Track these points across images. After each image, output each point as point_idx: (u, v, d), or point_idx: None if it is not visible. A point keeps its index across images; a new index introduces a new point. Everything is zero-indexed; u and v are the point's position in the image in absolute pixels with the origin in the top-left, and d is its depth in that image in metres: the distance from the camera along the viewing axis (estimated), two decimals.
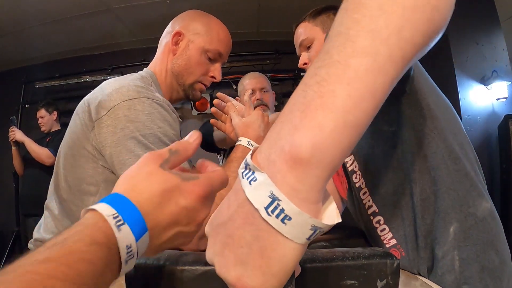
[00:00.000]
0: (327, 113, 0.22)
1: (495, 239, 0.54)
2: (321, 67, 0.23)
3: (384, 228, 0.61)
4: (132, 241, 0.28)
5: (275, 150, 0.23)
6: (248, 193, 0.23)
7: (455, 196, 0.53)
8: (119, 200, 0.29)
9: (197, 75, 0.81)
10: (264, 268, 0.23)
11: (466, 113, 2.29)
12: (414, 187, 0.55)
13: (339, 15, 0.25)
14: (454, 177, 0.54)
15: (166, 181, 0.31)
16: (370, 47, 0.22)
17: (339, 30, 0.24)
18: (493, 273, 0.52)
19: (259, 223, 0.23)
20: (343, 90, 0.22)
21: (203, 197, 0.33)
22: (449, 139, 0.55)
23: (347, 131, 0.22)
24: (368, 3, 0.23)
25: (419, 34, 0.23)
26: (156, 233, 0.31)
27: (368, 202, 0.63)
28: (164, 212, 0.31)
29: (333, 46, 0.23)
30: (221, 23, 0.85)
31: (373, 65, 0.22)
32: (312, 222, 0.22)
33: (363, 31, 0.22)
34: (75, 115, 0.70)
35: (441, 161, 0.54)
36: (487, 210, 0.54)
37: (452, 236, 0.53)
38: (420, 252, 0.56)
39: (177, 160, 0.34)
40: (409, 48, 0.23)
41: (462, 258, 0.52)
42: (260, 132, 0.77)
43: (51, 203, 0.70)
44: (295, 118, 0.23)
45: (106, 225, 0.27)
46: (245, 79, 1.48)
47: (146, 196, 0.30)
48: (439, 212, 0.54)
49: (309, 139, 0.22)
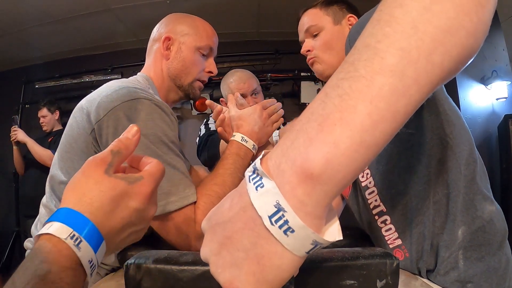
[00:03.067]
0: (344, 129, 0.21)
1: (502, 240, 0.55)
2: (345, 80, 0.22)
3: (390, 228, 0.61)
4: (92, 255, 0.30)
5: (286, 159, 0.23)
6: (253, 199, 0.23)
7: (465, 199, 0.55)
8: (72, 216, 0.30)
9: (195, 74, 0.83)
10: (258, 275, 0.23)
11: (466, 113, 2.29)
12: (427, 189, 0.56)
13: (370, 25, 0.24)
14: (464, 181, 0.55)
15: (114, 187, 0.32)
16: (397, 67, 0.21)
17: (368, 42, 0.23)
18: (496, 273, 0.53)
19: (260, 230, 0.23)
20: (364, 108, 0.21)
21: (149, 195, 0.34)
22: (462, 144, 0.56)
23: (362, 151, 0.21)
24: (401, 18, 0.22)
25: (449, 59, 0.22)
26: (111, 238, 0.32)
27: (375, 202, 0.63)
28: (116, 217, 0.32)
29: (359, 59, 0.22)
30: (203, 20, 0.86)
31: (398, 86, 0.21)
32: (314, 237, 0.22)
33: (393, 48, 0.21)
34: (72, 119, 0.70)
35: (455, 165, 0.55)
36: (492, 212, 0.55)
37: (461, 239, 0.54)
38: (424, 254, 0.57)
39: (120, 160, 0.35)
40: (437, 72, 0.22)
41: (467, 257, 0.53)
42: (255, 127, 0.76)
43: (49, 202, 0.70)
44: (311, 129, 0.22)
45: (66, 246, 0.28)
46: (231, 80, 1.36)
47: (97, 205, 0.31)
48: (449, 215, 0.55)
49: (322, 154, 0.21)
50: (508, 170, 2.19)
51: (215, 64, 0.87)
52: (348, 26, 0.87)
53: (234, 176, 0.67)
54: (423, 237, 0.57)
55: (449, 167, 0.55)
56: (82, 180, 0.32)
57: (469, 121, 2.29)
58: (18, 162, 2.54)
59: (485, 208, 0.55)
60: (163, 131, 0.63)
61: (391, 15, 0.22)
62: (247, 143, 0.73)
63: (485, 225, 0.54)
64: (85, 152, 0.65)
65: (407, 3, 0.22)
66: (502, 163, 2.27)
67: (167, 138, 0.63)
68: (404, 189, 0.59)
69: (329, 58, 0.86)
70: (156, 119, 0.63)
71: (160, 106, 0.65)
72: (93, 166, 0.33)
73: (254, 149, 0.74)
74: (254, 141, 0.75)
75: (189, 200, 0.60)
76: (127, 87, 0.66)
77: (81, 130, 0.65)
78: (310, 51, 0.89)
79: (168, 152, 0.62)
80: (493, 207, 0.56)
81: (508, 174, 2.19)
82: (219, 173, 0.68)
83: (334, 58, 0.86)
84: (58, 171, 0.69)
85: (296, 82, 2.95)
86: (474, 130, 2.30)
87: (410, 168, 0.58)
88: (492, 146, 2.33)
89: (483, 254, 0.53)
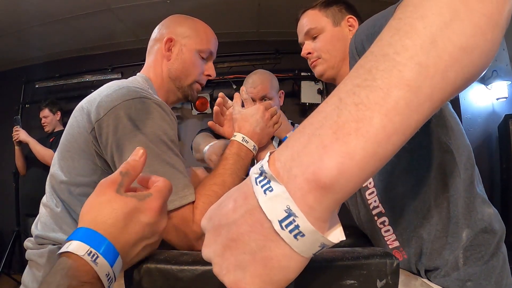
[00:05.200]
0: (359, 141, 0.21)
1: (499, 240, 0.56)
2: (361, 88, 0.22)
3: (389, 229, 0.62)
4: (109, 269, 0.32)
5: (298, 164, 0.22)
6: (262, 203, 0.23)
7: (466, 202, 0.56)
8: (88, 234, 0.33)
9: (194, 76, 0.84)
10: (264, 277, 0.23)
11: (466, 112, 2.29)
12: (427, 192, 0.57)
13: (388, 32, 0.23)
14: (464, 185, 0.56)
15: (125, 205, 0.35)
16: (414, 82, 0.21)
17: (386, 51, 0.22)
18: (495, 271, 0.54)
19: (268, 234, 0.23)
20: (380, 121, 0.21)
21: (159, 210, 0.38)
22: (461, 149, 0.57)
23: (373, 162, 0.21)
24: (421, 32, 0.22)
25: (461, 77, 0.22)
26: (126, 252, 0.35)
27: (374, 203, 0.63)
28: (129, 232, 0.35)
29: (377, 67, 0.22)
30: (204, 23, 0.87)
31: (413, 101, 0.21)
32: (322, 240, 0.22)
33: (411, 62, 0.21)
34: (72, 118, 0.70)
35: (454, 169, 0.56)
36: (491, 215, 0.57)
37: (465, 241, 0.55)
38: (422, 257, 0.57)
39: (129, 180, 0.38)
40: (449, 89, 0.22)
41: (467, 257, 0.54)
42: (256, 128, 0.75)
43: (50, 201, 0.71)
44: (326, 136, 0.22)
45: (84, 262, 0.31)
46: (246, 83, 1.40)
47: (111, 222, 0.34)
48: (452, 218, 0.55)
49: (337, 164, 0.21)
50: (508, 170, 2.19)
51: (214, 67, 0.88)
52: (347, 27, 0.87)
53: (234, 177, 0.67)
54: (422, 240, 0.57)
55: (449, 170, 0.56)
56: (96, 200, 0.35)
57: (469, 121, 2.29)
58: (20, 162, 2.54)
59: (484, 211, 0.56)
60: (163, 130, 0.63)
61: (412, 26, 0.22)
62: (248, 143, 0.73)
63: (486, 227, 0.55)
64: (85, 151, 0.65)
65: (428, 16, 0.22)
66: (502, 163, 2.27)
67: (166, 137, 0.63)
68: (403, 191, 0.59)
69: (329, 59, 0.86)
70: (156, 118, 0.63)
71: (160, 105, 0.65)
72: (105, 187, 0.36)
73: (255, 150, 0.74)
74: (255, 142, 0.75)
75: (187, 199, 0.60)
76: (127, 87, 0.66)
77: (81, 129, 0.66)
78: (311, 54, 0.89)
79: (167, 151, 0.62)
80: (491, 210, 0.57)
81: (508, 174, 2.19)
82: (219, 173, 0.67)
83: (334, 59, 0.86)
84: (58, 171, 0.69)
85: (296, 81, 2.95)
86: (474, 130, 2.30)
87: (410, 171, 0.58)
88: (492, 146, 2.33)
89: (482, 253, 0.54)
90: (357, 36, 0.55)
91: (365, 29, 0.53)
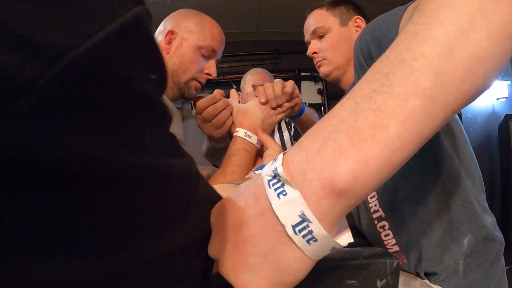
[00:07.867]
0: (375, 148, 0.21)
1: (499, 249, 0.56)
2: (379, 94, 0.22)
3: (388, 233, 0.62)
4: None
5: (312, 168, 0.22)
6: (275, 206, 0.23)
7: (469, 209, 0.55)
8: None
9: (192, 73, 0.81)
10: (274, 279, 0.23)
11: (466, 112, 2.29)
12: (428, 198, 0.57)
13: (405, 37, 0.23)
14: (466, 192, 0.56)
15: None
16: (431, 91, 0.21)
17: (403, 57, 0.22)
18: (493, 280, 0.55)
19: (280, 237, 0.23)
20: (396, 129, 0.21)
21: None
22: (463, 156, 0.57)
23: (387, 170, 0.22)
24: (438, 39, 0.21)
25: (474, 88, 0.22)
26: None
27: (375, 207, 0.63)
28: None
29: (394, 73, 0.22)
30: (213, 20, 0.84)
31: (429, 111, 0.21)
32: (333, 244, 0.23)
33: (429, 71, 0.21)
34: None
35: (457, 176, 0.56)
36: (492, 223, 0.57)
37: (466, 247, 0.55)
38: (422, 262, 0.57)
39: None
40: (462, 100, 0.22)
41: (467, 263, 0.54)
42: (257, 121, 0.74)
43: None
44: (342, 141, 0.22)
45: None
46: (247, 74, 1.50)
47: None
48: (454, 224, 0.55)
49: (353, 171, 0.21)
50: (508, 170, 2.19)
51: (215, 67, 0.85)
52: (354, 27, 0.86)
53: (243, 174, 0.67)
54: (422, 245, 0.57)
55: (452, 177, 0.56)
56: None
57: (469, 121, 2.29)
58: None
59: (486, 219, 0.57)
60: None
61: (430, 32, 0.22)
62: (251, 138, 0.72)
63: (488, 234, 0.55)
64: None
65: (446, 23, 0.22)
66: (502, 163, 2.27)
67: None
68: (404, 196, 0.58)
69: (335, 59, 0.85)
70: None
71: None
72: None
73: (258, 144, 0.74)
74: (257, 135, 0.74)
75: None
76: None
77: None
78: (317, 53, 0.88)
79: None
80: (491, 218, 0.58)
81: (508, 174, 2.19)
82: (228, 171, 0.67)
83: (340, 59, 0.85)
84: None
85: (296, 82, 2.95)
86: (474, 130, 2.30)
87: (411, 176, 0.58)
88: (492, 146, 2.33)
89: (482, 260, 0.54)
90: (362, 36, 0.54)
91: (370, 30, 0.52)
